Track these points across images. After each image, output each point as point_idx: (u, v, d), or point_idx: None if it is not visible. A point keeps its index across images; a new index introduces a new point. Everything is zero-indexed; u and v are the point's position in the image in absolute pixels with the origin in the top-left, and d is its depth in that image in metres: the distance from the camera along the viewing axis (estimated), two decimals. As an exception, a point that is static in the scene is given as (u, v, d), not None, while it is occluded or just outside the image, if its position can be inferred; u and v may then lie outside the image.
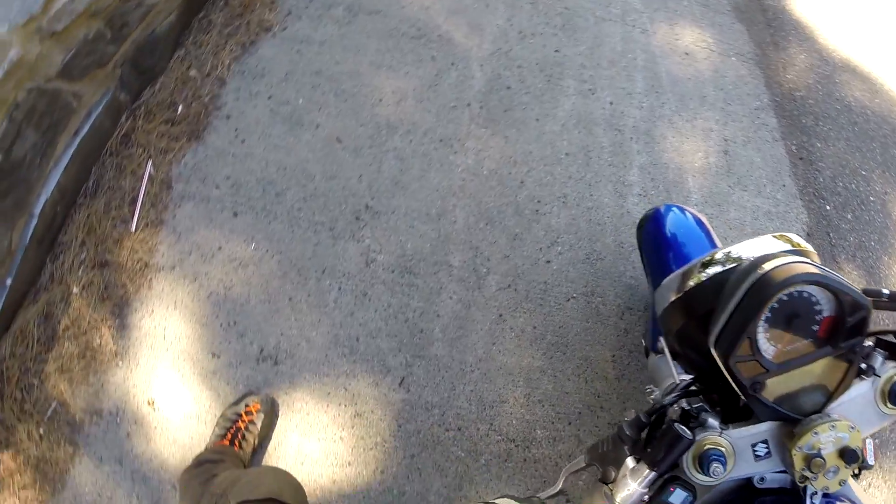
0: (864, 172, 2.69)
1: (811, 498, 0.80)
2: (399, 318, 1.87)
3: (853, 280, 2.38)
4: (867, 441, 0.92)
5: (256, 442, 1.68)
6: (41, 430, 1.69)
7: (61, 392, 1.73)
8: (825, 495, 0.81)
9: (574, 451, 1.83)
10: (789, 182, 2.51)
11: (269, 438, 1.74)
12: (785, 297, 0.77)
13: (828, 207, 2.53)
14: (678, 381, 0.92)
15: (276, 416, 1.76)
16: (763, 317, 0.78)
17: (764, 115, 2.66)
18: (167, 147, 2.00)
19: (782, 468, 0.81)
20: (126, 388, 1.75)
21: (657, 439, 0.78)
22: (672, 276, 0.99)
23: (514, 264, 1.99)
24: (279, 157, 2.03)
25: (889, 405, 0.82)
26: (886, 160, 2.77)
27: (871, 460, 0.90)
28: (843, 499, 0.83)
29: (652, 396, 1.28)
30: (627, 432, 0.84)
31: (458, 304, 1.91)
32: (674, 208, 1.56)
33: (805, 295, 0.78)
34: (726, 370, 0.79)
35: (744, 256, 0.90)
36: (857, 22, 3.26)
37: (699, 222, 1.53)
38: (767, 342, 0.79)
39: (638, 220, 1.63)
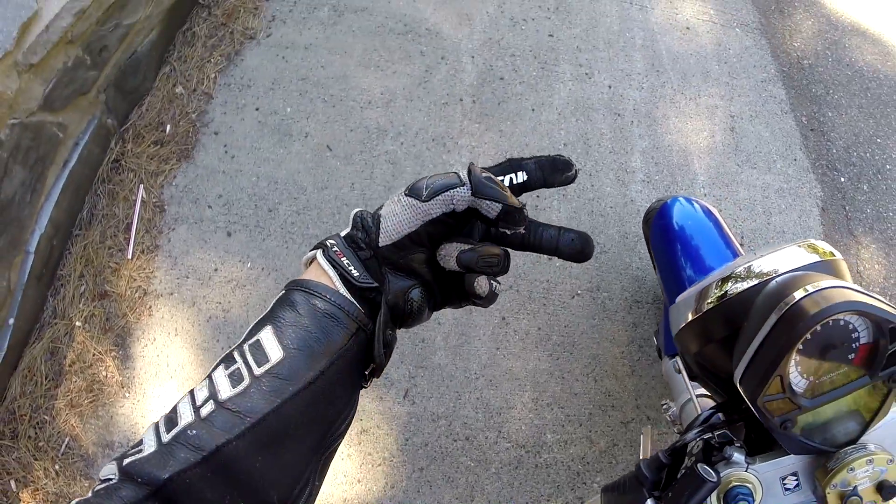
0: (879, 140, 2.60)
1: None
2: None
3: (872, 255, 2.31)
4: None
5: None
6: (56, 467, 1.71)
7: (72, 427, 1.74)
8: None
9: (586, 452, 1.80)
10: (801, 155, 2.44)
11: (279, 458, 1.74)
12: (819, 328, 0.70)
13: (842, 179, 2.46)
14: (699, 413, 0.86)
15: None
16: (795, 351, 0.70)
17: (771, 86, 2.57)
18: (158, 169, 1.97)
19: (813, 499, 0.76)
20: (134, 419, 1.76)
21: (679, 482, 0.73)
22: (687, 293, 0.91)
23: (514, 264, 1.93)
24: (270, 171, 1.99)
25: None
26: (903, 125, 2.67)
27: None
28: None
29: (669, 413, 1.23)
30: (646, 473, 0.79)
31: (458, 310, 1.86)
32: (681, 199, 1.49)
33: (842, 323, 0.70)
34: (754, 409, 0.72)
35: (767, 271, 0.80)
36: (866, -21, 3.13)
37: (708, 213, 1.46)
38: (800, 376, 0.72)
39: (643, 210, 1.55)
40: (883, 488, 0.73)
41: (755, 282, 0.79)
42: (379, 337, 0.48)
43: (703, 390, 1.16)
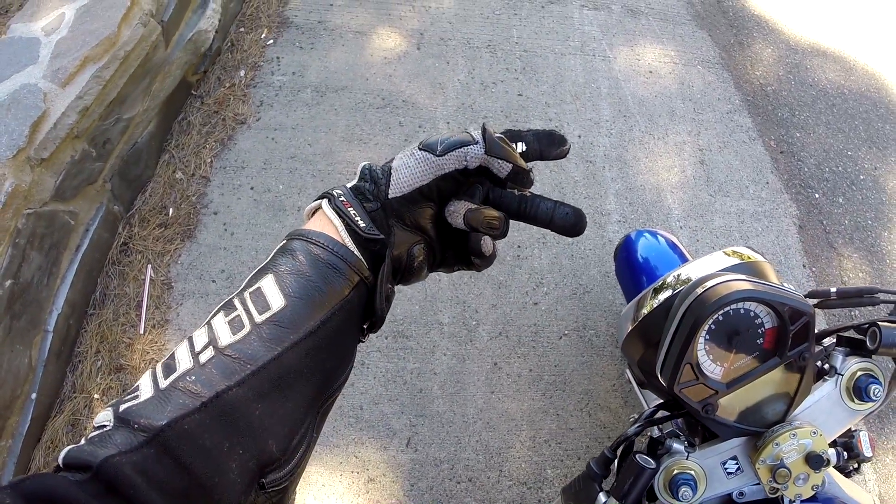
0: (849, 153, 2.69)
1: None
2: (398, 381, 1.93)
3: (855, 264, 2.37)
4: (862, 433, 0.93)
5: None
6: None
7: (94, 497, 1.83)
8: (809, 499, 0.81)
9: (587, 486, 1.86)
10: (773, 178, 2.53)
11: (293, 514, 1.82)
12: (721, 317, 0.76)
13: (817, 195, 2.53)
14: (647, 411, 0.94)
15: (295, 493, 1.82)
16: (701, 339, 0.77)
17: (737, 116, 2.69)
18: (163, 250, 2.12)
19: (756, 481, 0.82)
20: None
21: (622, 472, 0.81)
22: (628, 306, 0.99)
23: (502, 312, 2.04)
24: (267, 245, 2.13)
25: (856, 401, 0.82)
26: (871, 135, 2.76)
27: (868, 452, 0.92)
28: (826, 500, 0.83)
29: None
30: (595, 469, 0.87)
31: (452, 360, 1.96)
32: (645, 233, 1.58)
33: (742, 311, 0.77)
34: (674, 396, 0.79)
35: (692, 277, 0.87)
36: (819, 4, 3.28)
37: (672, 244, 1.55)
38: (713, 363, 0.78)
39: (615, 249, 1.65)
40: (810, 459, 0.79)
41: (682, 287, 0.87)
42: (381, 289, 0.47)
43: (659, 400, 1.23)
